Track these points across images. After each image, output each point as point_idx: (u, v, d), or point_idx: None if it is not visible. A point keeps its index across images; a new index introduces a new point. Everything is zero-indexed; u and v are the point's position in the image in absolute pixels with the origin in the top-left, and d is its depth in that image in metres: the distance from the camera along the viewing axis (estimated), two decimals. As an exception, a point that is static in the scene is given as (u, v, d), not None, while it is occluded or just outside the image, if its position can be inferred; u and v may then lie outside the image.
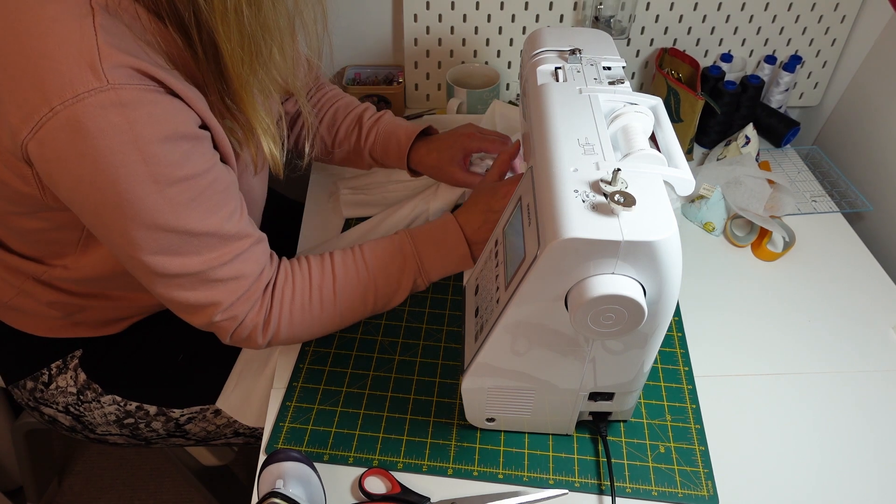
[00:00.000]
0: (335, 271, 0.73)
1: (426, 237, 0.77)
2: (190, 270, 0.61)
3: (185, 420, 0.85)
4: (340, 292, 0.72)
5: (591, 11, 1.09)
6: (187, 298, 0.64)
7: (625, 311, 0.49)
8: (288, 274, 0.71)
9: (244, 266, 0.65)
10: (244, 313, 0.67)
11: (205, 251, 0.62)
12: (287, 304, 0.70)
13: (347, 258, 0.74)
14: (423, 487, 0.66)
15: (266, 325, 0.69)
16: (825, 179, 1.08)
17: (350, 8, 1.13)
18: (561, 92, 0.63)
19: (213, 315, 0.65)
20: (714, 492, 0.66)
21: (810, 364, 0.79)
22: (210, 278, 0.63)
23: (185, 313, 0.66)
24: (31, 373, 0.81)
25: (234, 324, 0.67)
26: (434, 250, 0.77)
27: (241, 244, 0.64)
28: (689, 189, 0.55)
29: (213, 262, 0.62)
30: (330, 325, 0.74)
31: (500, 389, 0.64)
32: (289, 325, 0.70)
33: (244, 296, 0.66)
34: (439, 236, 0.77)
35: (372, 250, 0.75)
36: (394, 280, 0.75)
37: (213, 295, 0.64)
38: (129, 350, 0.83)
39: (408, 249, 0.76)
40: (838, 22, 1.11)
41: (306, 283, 0.71)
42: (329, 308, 0.72)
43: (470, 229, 0.78)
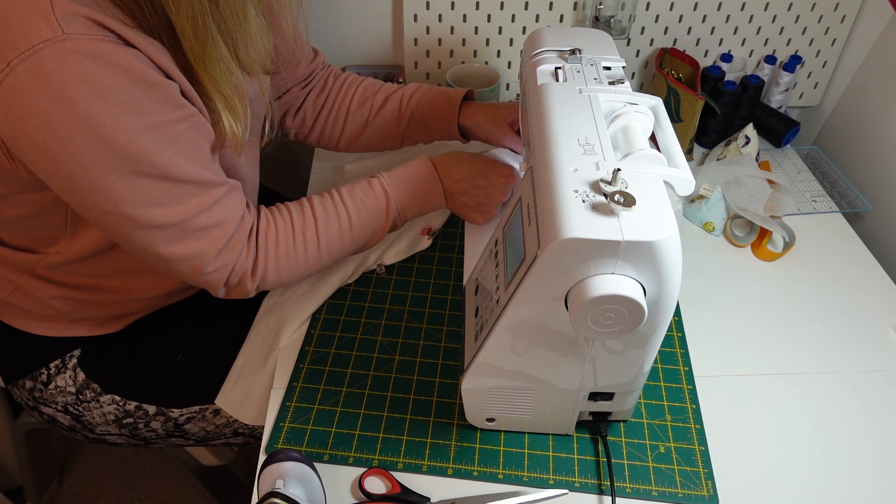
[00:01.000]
0: (315, 214, 0.73)
1: (403, 181, 0.78)
2: (173, 220, 0.61)
3: (185, 420, 0.85)
4: (323, 233, 0.73)
5: (591, 11, 1.09)
6: (174, 252, 0.63)
7: (625, 311, 0.49)
8: (269, 219, 0.72)
9: (225, 212, 0.65)
10: (233, 261, 0.67)
11: (185, 199, 0.61)
12: (272, 249, 0.70)
13: (326, 201, 0.75)
14: (423, 487, 0.66)
15: (254, 271, 0.69)
16: (825, 179, 1.08)
17: (350, 8, 1.13)
18: (561, 92, 0.63)
19: (203, 267, 0.65)
20: (714, 492, 0.66)
21: (810, 364, 0.79)
22: (194, 227, 0.63)
23: (176, 269, 0.65)
24: (30, 372, 0.81)
25: (225, 274, 0.67)
26: (410, 193, 0.78)
27: (219, 190, 0.64)
28: (689, 189, 0.55)
29: (195, 210, 0.62)
30: (315, 266, 0.75)
31: (500, 389, 0.64)
32: (275, 269, 0.71)
33: (230, 243, 0.66)
34: (417, 183, 0.79)
35: (350, 192, 0.76)
36: (373, 219, 0.76)
37: (200, 245, 0.64)
38: (127, 350, 0.83)
39: (386, 193, 0.77)
40: (838, 22, 1.11)
41: (289, 227, 0.72)
42: (313, 250, 0.73)
43: (449, 182, 0.80)
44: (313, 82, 0.93)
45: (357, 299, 0.85)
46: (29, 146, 0.55)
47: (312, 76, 0.93)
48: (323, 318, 0.83)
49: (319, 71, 0.93)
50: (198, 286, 0.68)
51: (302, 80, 0.92)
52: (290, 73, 0.89)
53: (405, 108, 0.92)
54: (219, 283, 0.68)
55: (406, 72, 1.18)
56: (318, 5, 1.13)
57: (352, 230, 0.75)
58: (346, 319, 0.83)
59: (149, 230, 0.61)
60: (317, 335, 0.81)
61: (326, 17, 1.14)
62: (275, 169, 1.41)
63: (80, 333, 0.81)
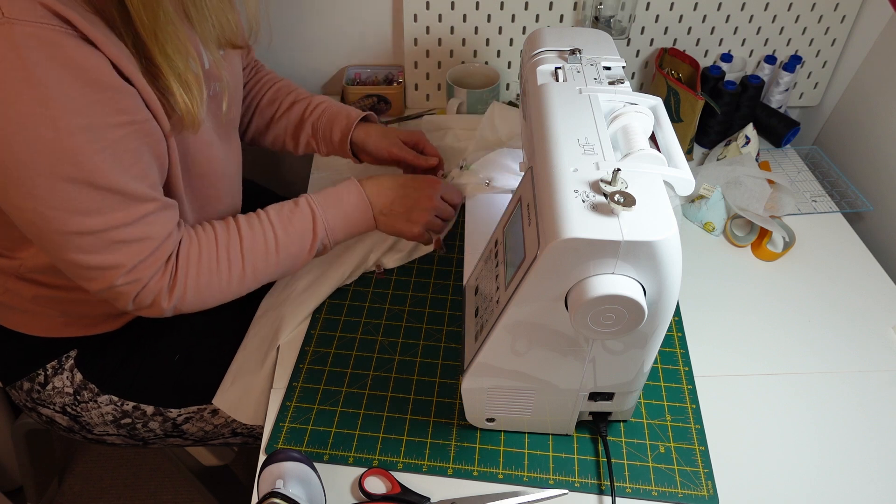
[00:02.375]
0: (241, 232, 0.71)
1: (330, 200, 0.77)
2: (91, 229, 0.59)
3: (183, 420, 0.85)
4: (248, 253, 0.71)
5: (591, 11, 1.09)
6: (87, 261, 0.61)
7: (625, 311, 0.49)
8: (192, 237, 0.69)
9: (149, 228, 0.63)
10: (147, 277, 0.64)
11: (107, 210, 0.59)
12: (194, 267, 0.68)
13: (252, 220, 0.73)
14: (423, 487, 0.66)
15: (171, 290, 0.66)
16: (825, 179, 1.08)
17: (350, 8, 1.13)
18: (561, 92, 0.63)
19: (114, 279, 0.62)
20: (714, 492, 0.66)
21: (810, 364, 0.79)
22: (113, 239, 0.60)
23: (84, 279, 0.63)
24: (28, 373, 0.81)
25: (136, 288, 0.64)
26: (339, 213, 0.77)
27: (147, 206, 0.62)
28: (689, 189, 0.55)
29: (116, 223, 0.60)
30: (238, 287, 0.72)
31: (500, 389, 0.64)
32: (195, 288, 0.68)
33: (149, 259, 0.63)
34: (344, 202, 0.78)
35: (277, 213, 0.74)
36: (299, 238, 0.74)
37: (115, 258, 0.61)
38: (125, 350, 0.83)
39: (313, 211, 0.76)
40: (838, 22, 1.11)
41: (213, 245, 0.70)
42: (237, 270, 0.70)
43: (376, 198, 0.79)
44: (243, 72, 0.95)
45: (357, 299, 0.85)
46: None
47: (245, 68, 0.95)
48: (323, 318, 0.83)
49: (250, 65, 0.97)
50: (102, 297, 0.65)
51: None
52: None
53: (307, 115, 0.94)
54: (127, 296, 0.64)
55: (406, 72, 1.18)
56: (318, 5, 1.13)
57: (278, 250, 0.73)
58: (346, 319, 0.83)
59: (63, 235, 0.59)
60: (317, 335, 0.81)
61: (326, 17, 1.14)
62: (272, 171, 1.41)
63: (75, 333, 0.81)
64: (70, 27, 0.53)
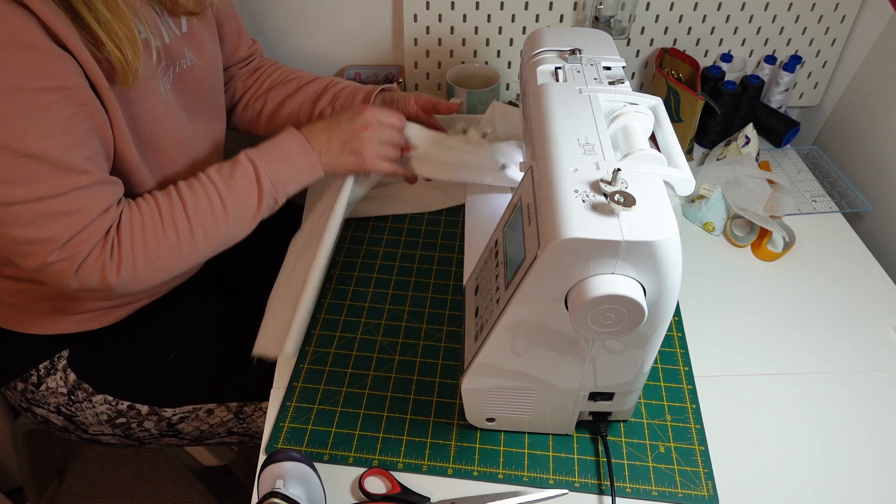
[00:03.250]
0: (182, 196, 0.69)
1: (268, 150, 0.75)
2: (15, 199, 0.57)
3: (178, 419, 0.84)
4: (193, 214, 0.69)
5: (591, 11, 1.09)
6: (16, 234, 0.59)
7: (625, 311, 0.49)
8: (133, 207, 0.67)
9: (82, 201, 0.60)
10: (84, 252, 0.61)
11: (34, 179, 0.57)
12: (139, 237, 0.65)
13: (193, 183, 0.71)
14: (423, 487, 0.66)
15: (119, 263, 0.64)
16: (825, 179, 1.08)
17: (350, 8, 1.13)
18: (561, 92, 0.63)
19: (46, 254, 0.60)
20: (714, 492, 0.66)
21: (810, 364, 0.79)
22: (41, 212, 0.58)
23: (18, 255, 0.61)
24: (21, 374, 0.81)
25: (72, 264, 0.61)
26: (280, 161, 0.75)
27: (80, 178, 0.60)
28: (689, 189, 0.55)
29: (43, 193, 0.58)
30: (191, 254, 0.70)
31: (500, 389, 0.64)
32: (144, 258, 0.66)
33: (82, 233, 0.61)
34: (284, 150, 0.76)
35: (217, 171, 0.72)
36: (245, 192, 0.72)
37: (45, 231, 0.59)
38: (118, 349, 0.83)
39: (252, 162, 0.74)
40: (838, 22, 1.11)
41: (155, 212, 0.67)
42: (185, 233, 0.68)
43: (315, 141, 0.77)
44: (250, 65, 0.98)
45: (357, 299, 0.85)
46: None
47: (251, 58, 0.98)
48: (323, 318, 0.83)
49: (258, 56, 0.99)
50: (42, 278, 0.62)
51: (241, 62, 0.97)
52: (232, 53, 0.94)
53: (331, 86, 0.95)
54: (66, 275, 0.62)
55: (406, 72, 1.18)
56: (318, 5, 1.13)
57: (225, 208, 0.70)
58: (346, 319, 0.83)
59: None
60: (317, 335, 0.81)
61: (326, 17, 1.15)
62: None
63: (66, 330, 0.81)
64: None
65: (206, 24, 0.82)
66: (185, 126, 0.76)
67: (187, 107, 0.77)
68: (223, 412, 0.85)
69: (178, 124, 0.74)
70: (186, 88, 0.77)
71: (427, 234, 0.95)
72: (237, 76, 0.97)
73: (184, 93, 0.76)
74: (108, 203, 0.64)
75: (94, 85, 0.62)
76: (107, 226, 0.64)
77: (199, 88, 0.80)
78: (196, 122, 0.79)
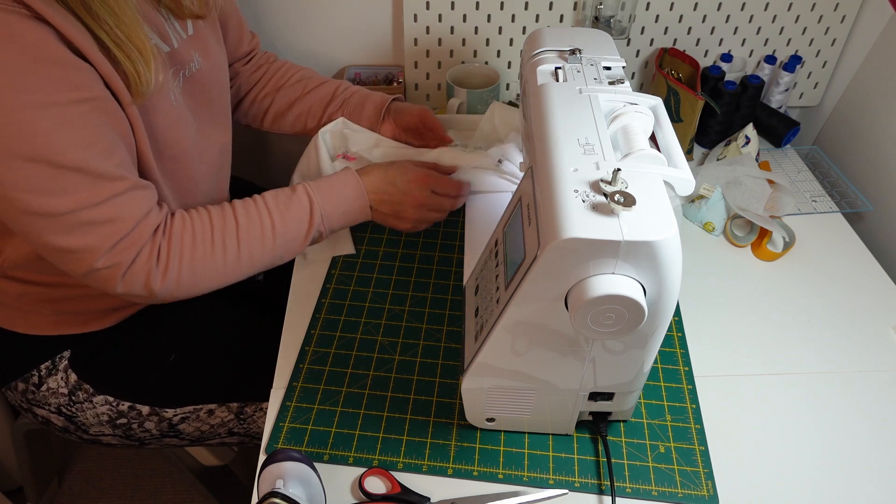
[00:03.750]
0: (237, 217, 0.71)
1: (328, 189, 0.78)
2: (58, 210, 0.58)
3: (179, 420, 0.84)
4: (244, 238, 0.71)
5: (591, 11, 1.09)
6: (60, 244, 0.60)
7: (625, 311, 0.49)
8: (185, 220, 0.69)
9: (120, 209, 0.62)
10: (129, 259, 0.63)
11: (72, 190, 0.58)
12: (188, 250, 0.67)
13: (249, 206, 0.73)
14: (423, 487, 0.66)
15: (165, 271, 0.66)
16: (825, 179, 1.08)
17: (350, 8, 1.13)
18: (561, 92, 0.63)
19: (92, 262, 0.62)
20: (714, 492, 0.66)
21: (810, 364, 0.79)
22: (81, 220, 0.60)
23: (64, 262, 0.63)
24: (22, 374, 0.81)
25: (119, 271, 0.63)
26: (335, 202, 0.78)
27: (115, 186, 0.61)
28: (689, 189, 0.55)
29: (83, 203, 0.59)
30: (233, 273, 0.72)
31: (500, 389, 0.64)
32: (190, 271, 0.68)
33: (125, 240, 0.63)
34: (342, 192, 0.79)
35: (274, 198, 0.75)
36: (296, 226, 0.75)
37: (88, 240, 0.61)
38: (119, 350, 0.83)
39: (310, 199, 0.76)
40: (838, 22, 1.11)
41: (207, 229, 0.69)
42: (233, 254, 0.70)
43: (371, 194, 0.81)
44: (253, 60, 0.98)
45: (357, 299, 0.85)
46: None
47: (253, 53, 0.98)
48: (323, 318, 0.83)
49: (259, 51, 0.99)
50: (90, 283, 0.64)
51: (244, 57, 0.97)
52: (235, 48, 0.94)
53: (339, 92, 0.97)
54: (112, 280, 0.64)
55: (406, 72, 1.18)
56: (318, 5, 1.13)
57: (274, 236, 0.73)
58: (346, 319, 0.83)
59: (32, 217, 0.58)
60: (317, 335, 0.81)
61: (326, 17, 1.14)
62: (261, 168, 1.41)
63: (67, 331, 0.81)
64: (20, 5, 0.53)
65: (211, 25, 0.82)
66: (194, 131, 0.76)
67: (196, 111, 0.77)
68: (224, 412, 0.85)
69: (188, 130, 0.75)
70: (195, 92, 0.77)
71: (427, 234, 0.95)
72: (241, 73, 0.97)
73: (192, 97, 0.76)
74: (146, 208, 0.65)
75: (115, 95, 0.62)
76: (149, 231, 0.65)
77: (207, 92, 0.80)
78: (204, 127, 0.79)
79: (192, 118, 0.76)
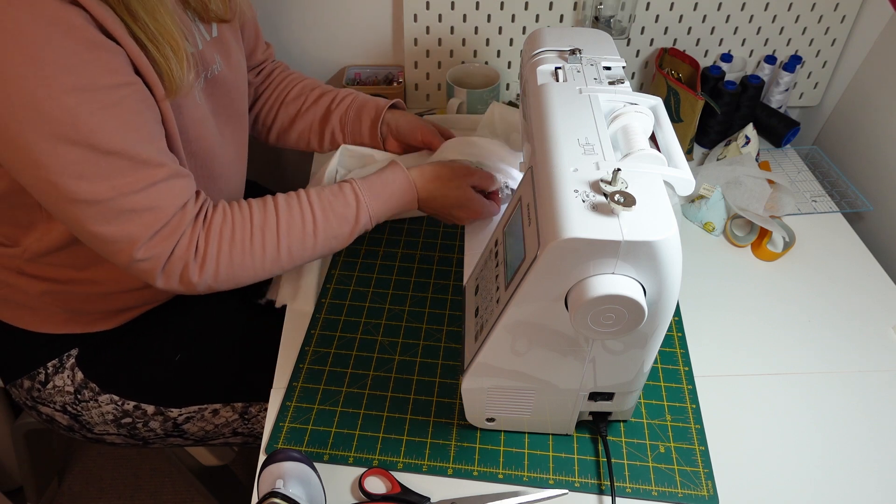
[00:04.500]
0: (279, 212, 0.71)
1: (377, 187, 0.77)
2: (99, 197, 0.58)
3: (183, 420, 0.85)
4: (284, 233, 0.70)
5: (591, 11, 1.09)
6: (102, 233, 0.60)
7: (625, 311, 0.49)
8: (227, 212, 0.69)
9: (159, 197, 0.62)
10: (168, 250, 0.63)
11: (114, 175, 0.58)
12: (227, 244, 0.67)
13: (291, 199, 0.72)
14: (423, 487, 0.66)
15: (202, 264, 0.66)
16: (825, 179, 1.08)
17: (350, 8, 1.13)
18: (561, 92, 0.63)
19: (132, 252, 0.62)
20: (714, 492, 0.66)
21: (810, 364, 0.79)
22: (122, 207, 0.60)
23: (106, 251, 0.63)
24: (28, 372, 0.81)
25: (158, 263, 0.63)
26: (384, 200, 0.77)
27: (156, 172, 0.61)
28: (689, 189, 0.55)
29: (124, 189, 0.59)
30: (272, 267, 0.71)
31: (500, 389, 0.64)
32: (228, 265, 0.67)
33: (164, 230, 0.63)
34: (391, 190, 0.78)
35: (318, 194, 0.74)
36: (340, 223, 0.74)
37: (128, 229, 0.61)
38: (126, 349, 0.83)
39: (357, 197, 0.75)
40: (838, 22, 1.11)
41: (247, 222, 0.69)
42: (272, 249, 0.70)
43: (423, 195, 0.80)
44: (263, 71, 0.97)
45: (357, 299, 0.85)
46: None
47: (264, 64, 0.97)
48: (323, 318, 0.83)
49: (270, 62, 0.98)
50: (133, 274, 0.64)
51: (256, 67, 0.96)
52: (249, 56, 0.92)
53: (334, 107, 0.94)
54: (153, 271, 0.64)
55: (406, 72, 1.18)
56: (318, 5, 1.13)
57: (316, 233, 0.72)
58: (346, 319, 0.83)
59: (74, 203, 0.58)
60: (317, 335, 0.81)
61: (326, 17, 1.15)
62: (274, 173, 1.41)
63: (76, 330, 0.81)
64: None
65: (233, 29, 0.81)
66: (214, 132, 0.76)
67: (216, 112, 0.77)
68: (228, 412, 0.85)
69: (209, 130, 0.74)
70: (215, 94, 0.76)
71: (427, 234, 0.95)
72: (250, 84, 0.95)
73: (213, 98, 0.76)
74: (184, 198, 0.65)
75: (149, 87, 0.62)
76: (186, 222, 0.64)
77: (227, 94, 0.79)
78: (223, 128, 0.79)
79: (211, 118, 0.76)
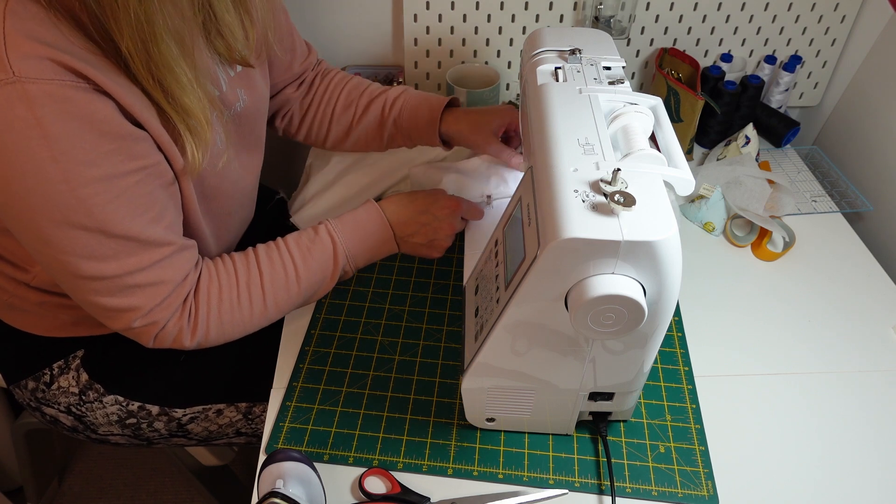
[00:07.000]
0: (261, 266, 0.72)
1: (351, 228, 0.78)
2: (105, 274, 0.60)
3: (188, 420, 0.85)
4: (269, 287, 0.72)
5: (591, 11, 1.09)
6: (105, 304, 0.62)
7: (625, 311, 0.49)
8: (212, 274, 0.70)
9: (164, 272, 0.64)
10: (165, 319, 0.65)
11: (122, 256, 0.60)
12: (215, 305, 0.69)
13: (272, 253, 0.74)
14: (423, 487, 0.66)
15: (194, 328, 0.68)
16: (825, 179, 1.08)
17: (350, 8, 1.13)
18: (561, 92, 0.63)
19: (131, 320, 0.64)
20: (714, 492, 0.66)
21: (810, 364, 0.79)
22: (127, 284, 0.62)
23: (103, 318, 0.65)
24: (33, 373, 0.81)
25: (154, 329, 0.66)
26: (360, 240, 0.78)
27: (162, 251, 0.63)
28: (689, 189, 0.55)
29: (131, 268, 0.61)
30: (260, 321, 0.74)
31: (500, 389, 0.64)
32: (218, 325, 0.70)
33: (165, 302, 0.65)
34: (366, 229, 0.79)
35: (296, 242, 0.75)
36: (320, 268, 0.76)
37: (131, 301, 0.63)
38: (131, 350, 0.83)
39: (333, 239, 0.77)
40: (838, 22, 1.11)
41: (233, 281, 0.71)
42: (258, 304, 0.72)
43: (398, 227, 0.81)
44: (304, 83, 0.94)
45: (357, 299, 0.85)
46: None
47: (304, 75, 0.94)
48: (323, 318, 0.83)
49: (310, 70, 0.95)
50: (125, 335, 0.68)
51: (295, 80, 0.93)
52: (285, 71, 0.89)
53: (387, 113, 0.92)
54: (146, 336, 0.66)
55: (406, 72, 1.18)
56: (318, 5, 1.13)
57: (299, 281, 0.74)
58: (346, 319, 0.83)
59: (79, 278, 0.60)
60: (317, 335, 0.81)
61: (326, 17, 1.15)
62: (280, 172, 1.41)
63: (83, 333, 0.81)
64: (83, 80, 0.53)
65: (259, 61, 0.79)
66: (235, 166, 0.76)
67: (237, 143, 0.76)
68: (232, 412, 0.85)
69: (229, 168, 0.74)
70: (239, 129, 0.76)
71: (427, 234, 0.95)
72: (292, 99, 0.93)
73: (236, 132, 0.76)
74: (187, 270, 0.67)
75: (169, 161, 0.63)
76: (186, 293, 0.67)
77: (250, 125, 0.79)
78: (242, 155, 0.79)
79: (233, 152, 0.75)
